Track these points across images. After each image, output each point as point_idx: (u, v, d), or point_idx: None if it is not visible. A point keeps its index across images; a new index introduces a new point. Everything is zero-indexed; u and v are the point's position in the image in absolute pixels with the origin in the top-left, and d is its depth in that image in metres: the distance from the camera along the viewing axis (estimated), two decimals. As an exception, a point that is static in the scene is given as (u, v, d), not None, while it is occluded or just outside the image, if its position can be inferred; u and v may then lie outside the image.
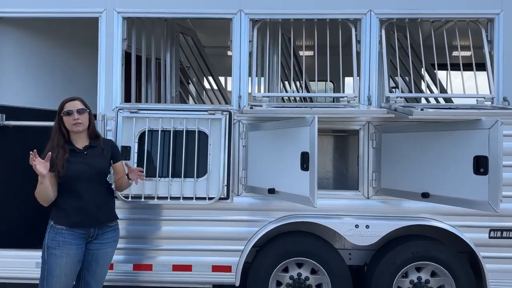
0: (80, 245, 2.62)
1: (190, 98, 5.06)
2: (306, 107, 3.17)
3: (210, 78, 4.95)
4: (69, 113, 2.61)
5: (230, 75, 5.91)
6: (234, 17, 3.44)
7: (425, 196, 2.93)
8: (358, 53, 3.42)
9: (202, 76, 5.02)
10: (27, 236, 3.64)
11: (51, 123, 2.74)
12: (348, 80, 5.75)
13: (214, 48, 5.36)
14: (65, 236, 2.56)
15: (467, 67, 3.49)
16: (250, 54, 3.46)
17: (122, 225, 3.44)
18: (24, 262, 3.45)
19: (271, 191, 3.03)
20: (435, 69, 3.47)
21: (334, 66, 3.51)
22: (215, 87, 4.94)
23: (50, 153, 2.49)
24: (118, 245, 3.37)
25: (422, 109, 2.70)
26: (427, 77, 4.33)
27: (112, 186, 2.84)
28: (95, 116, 3.53)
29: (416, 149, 3.05)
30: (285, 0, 3.42)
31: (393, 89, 4.62)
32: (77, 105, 2.65)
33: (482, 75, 3.50)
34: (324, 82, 5.67)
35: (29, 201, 3.59)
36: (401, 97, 3.25)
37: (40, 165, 2.42)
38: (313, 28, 3.51)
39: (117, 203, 3.38)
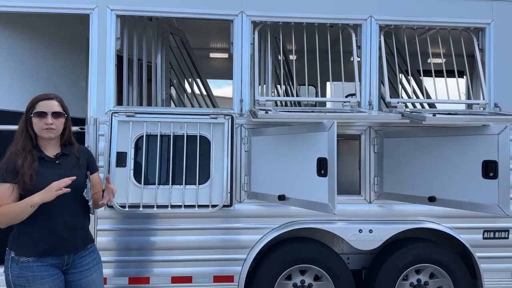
0: (56, 276, 2.12)
1: (176, 100, 4.86)
2: (312, 111, 3.14)
3: (198, 80, 4.79)
4: (40, 115, 2.10)
5: (213, 78, 5.76)
6: (235, 19, 3.35)
7: (431, 200, 2.98)
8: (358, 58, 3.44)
9: (190, 78, 4.85)
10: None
11: None
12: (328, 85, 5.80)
13: (197, 50, 5.21)
14: (33, 269, 2.05)
15: (451, 73, 3.60)
16: (251, 57, 3.38)
17: (117, 236, 3.24)
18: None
19: (281, 197, 2.95)
20: (431, 76, 3.56)
21: (321, 70, 3.50)
22: (203, 90, 4.80)
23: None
24: (112, 258, 3.22)
25: (434, 115, 2.75)
26: (413, 83, 4.44)
27: (90, 203, 2.24)
28: (84, 120, 3.31)
29: (420, 154, 3.10)
30: (288, 3, 3.38)
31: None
32: (53, 106, 2.15)
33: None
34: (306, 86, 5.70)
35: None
36: (402, 103, 3.31)
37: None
38: (302, 33, 3.47)
39: (112, 212, 3.19)
